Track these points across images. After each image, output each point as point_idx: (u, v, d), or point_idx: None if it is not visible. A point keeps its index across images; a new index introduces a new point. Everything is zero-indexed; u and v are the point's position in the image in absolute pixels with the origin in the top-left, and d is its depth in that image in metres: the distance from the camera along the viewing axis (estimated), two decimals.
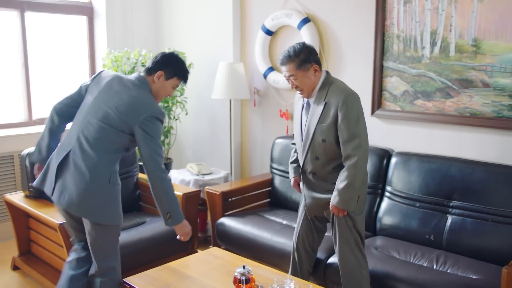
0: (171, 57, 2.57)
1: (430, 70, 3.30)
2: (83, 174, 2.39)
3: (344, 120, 2.51)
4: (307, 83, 2.60)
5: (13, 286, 3.37)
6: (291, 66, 2.57)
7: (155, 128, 2.43)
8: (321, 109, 2.58)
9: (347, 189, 2.52)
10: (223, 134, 4.55)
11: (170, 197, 2.50)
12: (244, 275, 2.51)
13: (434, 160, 3.18)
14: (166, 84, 2.56)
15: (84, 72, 4.82)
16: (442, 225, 3.05)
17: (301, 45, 2.59)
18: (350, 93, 2.56)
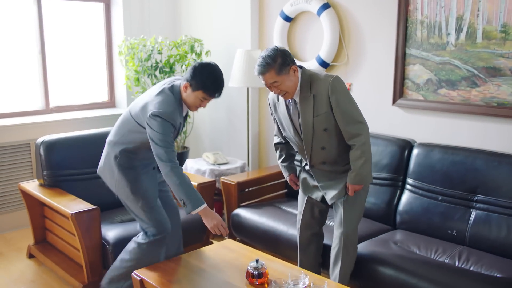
0: (200, 69, 2.53)
1: (455, 57, 3.15)
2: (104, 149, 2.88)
3: (338, 105, 2.56)
4: (290, 86, 2.56)
5: (27, 274, 3.37)
6: (271, 73, 2.51)
7: (158, 125, 2.50)
8: (311, 103, 2.59)
9: (365, 165, 2.60)
10: (240, 123, 4.46)
11: (179, 185, 2.53)
12: (257, 270, 2.44)
13: (458, 152, 3.04)
14: (193, 95, 2.56)
15: (101, 59, 4.78)
16: (465, 220, 2.92)
17: (274, 50, 2.53)
18: (333, 78, 2.57)
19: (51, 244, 3.56)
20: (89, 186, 3.48)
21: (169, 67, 4.26)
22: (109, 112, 4.69)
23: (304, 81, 2.60)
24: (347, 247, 2.72)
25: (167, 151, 2.52)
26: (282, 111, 2.74)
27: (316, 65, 3.79)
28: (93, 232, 2.98)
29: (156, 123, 2.49)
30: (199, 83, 2.52)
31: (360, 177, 2.63)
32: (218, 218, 2.59)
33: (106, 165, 2.82)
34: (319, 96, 2.57)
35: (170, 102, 2.55)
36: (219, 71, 2.59)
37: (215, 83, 2.56)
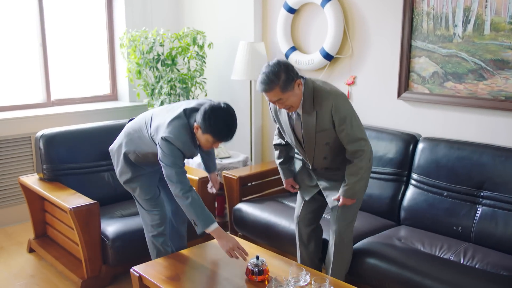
0: (210, 114, 2.40)
1: (462, 50, 3.07)
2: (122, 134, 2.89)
3: (341, 124, 2.50)
4: (295, 100, 2.48)
5: (27, 269, 3.34)
6: (276, 91, 2.41)
7: (168, 148, 2.46)
8: (314, 119, 2.53)
9: (359, 182, 2.57)
10: (243, 116, 4.40)
11: (189, 206, 2.50)
12: (257, 266, 2.40)
13: (464, 147, 2.97)
14: (203, 137, 2.48)
15: (103, 51, 4.74)
16: (471, 216, 2.86)
17: (277, 65, 2.41)
18: (337, 96, 2.50)
19: (52, 239, 3.53)
20: (89, 180, 3.45)
21: (171, 59, 4.20)
22: (111, 105, 4.65)
23: (307, 95, 2.50)
24: (339, 246, 2.69)
25: (178, 172, 2.48)
26: (284, 120, 2.67)
27: (320, 57, 3.72)
28: (92, 227, 2.94)
29: (166, 147, 2.45)
30: (208, 128, 2.41)
31: (352, 192, 2.60)
32: (233, 240, 2.49)
33: (116, 150, 2.85)
34: (322, 114, 2.50)
35: (183, 131, 2.48)
36: (231, 115, 2.44)
37: (225, 129, 2.44)
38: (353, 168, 2.56)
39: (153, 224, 2.82)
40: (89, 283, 3.01)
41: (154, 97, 4.27)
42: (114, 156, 2.88)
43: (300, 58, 3.89)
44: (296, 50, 3.95)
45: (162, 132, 2.48)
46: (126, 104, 4.68)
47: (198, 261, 2.61)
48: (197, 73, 4.27)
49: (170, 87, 4.14)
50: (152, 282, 2.42)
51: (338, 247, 2.70)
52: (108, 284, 3.10)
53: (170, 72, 4.19)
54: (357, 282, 2.78)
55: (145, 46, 4.16)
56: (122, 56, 4.53)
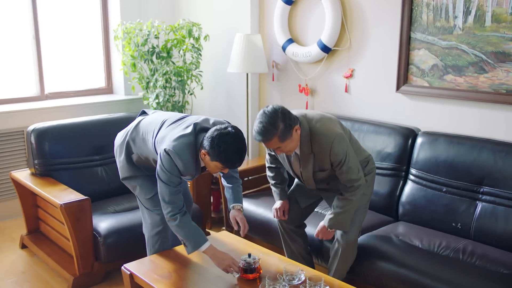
0: (218, 141, 2.27)
1: (462, 42, 3.00)
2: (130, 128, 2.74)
3: (337, 166, 2.50)
4: (293, 146, 2.45)
5: (19, 265, 3.29)
6: (274, 141, 2.36)
7: (167, 162, 2.34)
8: (312, 160, 2.53)
9: (344, 215, 2.56)
10: (240, 109, 4.34)
11: (177, 229, 2.42)
12: (249, 264, 2.34)
13: (464, 141, 2.90)
14: (212, 164, 2.35)
15: (98, 44, 4.66)
16: (470, 212, 2.79)
17: (274, 113, 2.33)
18: (334, 138, 2.45)
19: (44, 235, 3.48)
20: (82, 175, 3.39)
21: (166, 52, 4.12)
22: (106, 98, 4.57)
23: (304, 138, 2.48)
24: (345, 249, 2.64)
25: (171, 191, 2.37)
26: (282, 156, 2.67)
27: (318, 50, 3.65)
28: (83, 223, 2.89)
29: (166, 160, 2.33)
30: (217, 156, 2.28)
31: (334, 222, 2.58)
32: (228, 258, 2.40)
33: (120, 145, 2.71)
34: (320, 155, 2.49)
35: (187, 151, 2.35)
36: (239, 140, 2.30)
37: (235, 156, 2.30)
38: (342, 201, 2.56)
39: (153, 223, 2.70)
40: (81, 280, 2.96)
41: (149, 90, 4.21)
42: (117, 150, 2.74)
43: (297, 51, 3.82)
44: (293, 43, 3.88)
45: (166, 144, 2.36)
46: (121, 98, 4.61)
47: (191, 259, 2.55)
48: (193, 66, 4.19)
49: (165, 80, 4.07)
50: (143, 280, 2.37)
51: (344, 251, 2.63)
52: (101, 281, 3.05)
53: (165, 64, 4.12)
54: (353, 279, 2.73)
55: (140, 39, 4.08)
56: (117, 48, 4.46)
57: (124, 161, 2.67)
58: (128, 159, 2.67)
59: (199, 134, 2.39)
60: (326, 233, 2.66)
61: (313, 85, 3.89)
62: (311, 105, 3.93)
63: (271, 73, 4.15)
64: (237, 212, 2.67)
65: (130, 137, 2.66)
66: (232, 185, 2.71)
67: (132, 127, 2.69)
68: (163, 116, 2.61)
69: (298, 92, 3.97)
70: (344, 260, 2.65)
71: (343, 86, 3.67)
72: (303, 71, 3.93)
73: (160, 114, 2.68)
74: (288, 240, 2.90)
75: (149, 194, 2.68)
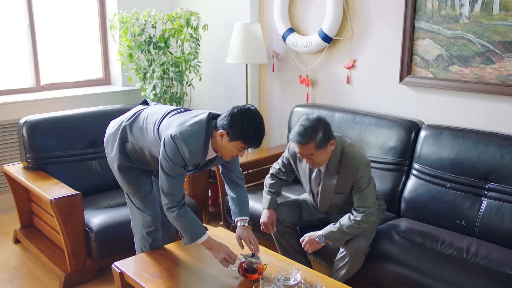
0: (239, 116, 2.14)
1: (468, 31, 2.87)
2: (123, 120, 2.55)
3: (358, 188, 2.52)
4: (324, 159, 2.50)
5: (11, 261, 3.22)
6: (310, 146, 2.40)
7: (171, 150, 2.18)
8: (335, 181, 2.56)
9: (343, 234, 2.52)
10: (240, 101, 4.22)
11: (175, 221, 2.31)
12: (251, 264, 2.25)
13: (469, 135, 2.78)
14: (230, 145, 2.20)
15: (95, 34, 4.55)
16: (475, 209, 2.68)
17: (317, 120, 2.42)
18: (362, 162, 2.51)
19: (38, 229, 3.40)
20: (75, 169, 3.31)
21: (163, 42, 4.02)
22: (104, 89, 4.48)
23: (334, 156, 2.52)
24: (354, 258, 2.53)
25: (172, 182, 2.22)
26: (303, 170, 2.69)
27: (318, 39, 3.53)
28: (75, 219, 2.81)
29: (170, 147, 2.17)
30: (238, 133, 2.14)
31: (333, 236, 2.52)
32: (226, 249, 2.32)
33: (113, 132, 2.50)
34: (345, 177, 2.52)
35: (197, 138, 2.19)
36: (260, 117, 2.20)
37: (257, 132, 2.17)
38: (352, 222, 2.50)
39: (144, 224, 2.57)
40: (73, 277, 2.88)
41: (146, 81, 4.11)
42: (109, 139, 2.52)
43: (297, 40, 3.70)
44: (293, 32, 3.76)
45: (173, 129, 2.19)
46: (119, 89, 4.51)
47: (183, 257, 2.47)
48: (191, 56, 4.09)
49: (162, 71, 3.97)
50: (133, 279, 2.29)
51: (352, 258, 2.52)
52: (94, 278, 2.97)
53: (163, 55, 4.01)
54: (352, 278, 2.63)
55: (137, 28, 3.98)
56: (113, 38, 4.35)
57: (116, 149, 2.46)
58: (121, 148, 2.46)
59: (211, 121, 2.25)
60: (314, 243, 2.57)
61: (314, 76, 3.77)
62: (312, 97, 3.82)
63: (271, 64, 4.04)
64: (242, 230, 2.43)
65: (127, 124, 2.45)
66: (236, 195, 2.53)
67: (130, 115, 2.49)
68: (166, 108, 2.46)
69: (299, 83, 3.86)
70: (350, 269, 2.54)
71: (344, 77, 3.55)
72: (304, 62, 3.81)
73: (163, 106, 2.54)
74: (279, 237, 2.82)
75: (139, 193, 2.53)
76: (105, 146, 2.56)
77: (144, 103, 2.64)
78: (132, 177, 2.53)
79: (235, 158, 2.46)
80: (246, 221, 2.47)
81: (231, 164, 2.51)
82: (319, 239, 2.55)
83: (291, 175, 2.90)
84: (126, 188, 2.55)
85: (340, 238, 2.52)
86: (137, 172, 2.54)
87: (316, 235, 2.56)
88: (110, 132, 2.53)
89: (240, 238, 2.43)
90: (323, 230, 2.56)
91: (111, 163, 2.55)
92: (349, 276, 2.57)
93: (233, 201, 2.52)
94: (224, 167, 2.52)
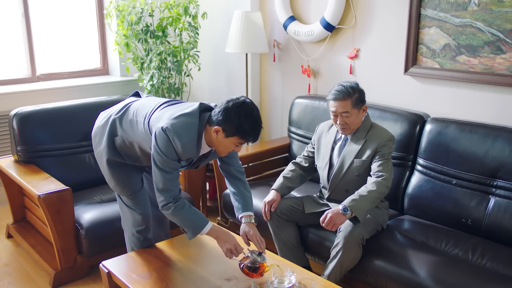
0: (235, 111, 2.03)
1: (477, 19, 2.71)
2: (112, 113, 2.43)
3: (382, 157, 2.54)
4: (355, 122, 2.58)
5: (2, 257, 3.14)
6: (347, 103, 2.52)
7: (161, 142, 2.06)
8: (359, 146, 2.59)
9: (365, 201, 2.43)
10: (240, 92, 4.10)
11: (173, 218, 2.18)
12: (255, 262, 2.13)
13: (477, 129, 2.64)
14: (227, 141, 2.09)
15: (92, 23, 4.43)
16: (482, 207, 2.55)
17: (356, 84, 2.58)
18: (390, 136, 2.59)
19: (31, 224, 3.32)
20: (68, 162, 3.21)
21: (161, 31, 3.89)
22: (102, 79, 4.38)
23: (364, 125, 2.62)
24: (347, 246, 2.40)
25: (166, 177, 2.09)
26: (326, 142, 2.73)
27: (320, 28, 3.38)
28: (64, 215, 2.71)
29: (161, 140, 2.05)
30: (234, 128, 2.03)
31: (355, 204, 2.41)
32: (232, 240, 2.20)
33: (102, 124, 2.37)
34: (370, 143, 2.57)
35: (190, 130, 2.07)
36: (257, 110, 2.09)
37: (254, 126, 2.06)
38: (368, 186, 2.47)
39: (134, 222, 2.46)
40: (63, 275, 2.80)
41: (144, 71, 3.99)
42: (97, 133, 2.40)
43: (299, 29, 3.55)
44: (295, 20, 3.61)
45: (164, 122, 2.07)
46: (117, 79, 4.40)
47: (175, 256, 2.37)
48: (190, 46, 3.96)
49: (160, 61, 3.85)
50: (120, 280, 2.19)
51: (345, 247, 2.40)
52: (86, 276, 2.88)
53: (160, 44, 3.88)
54: (351, 278, 2.52)
55: (134, 17, 3.85)
56: (109, 27, 4.24)
57: (105, 143, 2.33)
58: (110, 142, 2.33)
59: (203, 114, 2.13)
60: (339, 216, 2.38)
61: (315, 66, 3.63)
62: (314, 88, 3.68)
63: (272, 53, 3.90)
64: (248, 227, 2.31)
65: (117, 117, 2.32)
66: (238, 190, 2.41)
67: (120, 107, 2.37)
68: (158, 100, 2.33)
69: (301, 73, 3.73)
70: (342, 259, 2.42)
71: (347, 67, 3.41)
72: (305, 51, 3.67)
73: (154, 98, 2.41)
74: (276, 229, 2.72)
75: (128, 190, 2.41)
76: (93, 139, 2.44)
77: (135, 95, 2.52)
78: (122, 173, 2.41)
79: (233, 152, 2.34)
80: (252, 218, 2.34)
81: (229, 158, 2.39)
82: (343, 211, 2.39)
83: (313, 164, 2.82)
84: (112, 185, 2.43)
85: (363, 206, 2.40)
86: (127, 168, 2.42)
87: (340, 208, 2.41)
88: (99, 125, 2.41)
89: (246, 235, 2.30)
90: (344, 202, 2.42)
91: (98, 158, 2.43)
92: (342, 270, 2.44)
93: (234, 196, 2.41)
94: (222, 161, 2.41)
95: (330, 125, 2.75)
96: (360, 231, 2.42)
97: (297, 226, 2.74)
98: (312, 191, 3.03)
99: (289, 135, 3.58)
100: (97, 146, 2.40)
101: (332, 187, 2.67)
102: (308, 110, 3.42)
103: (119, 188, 2.41)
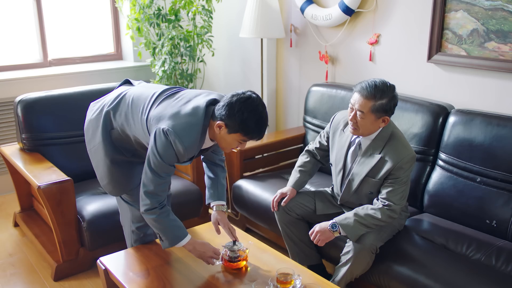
0: (239, 107, 1.89)
1: (510, 1, 2.48)
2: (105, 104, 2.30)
3: (394, 181, 2.27)
4: (368, 128, 2.27)
5: (8, 247, 3.08)
6: (368, 104, 2.20)
7: (160, 144, 1.93)
8: (374, 162, 2.30)
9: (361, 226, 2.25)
10: (256, 78, 3.94)
11: (155, 227, 2.08)
12: (233, 252, 2.08)
13: (505, 123, 2.42)
14: (229, 137, 1.96)
15: (106, 7, 4.32)
16: (509, 208, 2.34)
17: (391, 88, 2.24)
18: (410, 155, 2.27)
19: (38, 213, 3.25)
20: (73, 151, 3.12)
21: (173, 14, 3.75)
22: (115, 65, 4.27)
23: (382, 135, 2.31)
24: (358, 255, 2.25)
25: (157, 182, 1.98)
26: (341, 145, 2.46)
27: (339, 12, 3.18)
28: (65, 206, 2.61)
29: (161, 143, 1.92)
30: (238, 124, 1.90)
31: (347, 223, 2.24)
32: (209, 249, 2.10)
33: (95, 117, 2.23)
34: (385, 162, 2.27)
35: (193, 132, 1.94)
36: (263, 106, 1.94)
37: (259, 123, 1.92)
38: (369, 210, 2.26)
39: (133, 218, 2.34)
40: (65, 267, 2.72)
41: (156, 57, 3.86)
42: (89, 127, 2.25)
43: (316, 13, 3.36)
44: (312, 4, 3.41)
45: (165, 122, 1.94)
46: (130, 64, 4.29)
47: (174, 252, 2.25)
48: (203, 30, 3.81)
49: (172, 46, 3.71)
50: (116, 279, 2.08)
51: (356, 255, 2.24)
52: (88, 269, 2.79)
53: (172, 29, 3.74)
54: (363, 279, 2.36)
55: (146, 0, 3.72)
56: (120, 10, 4.11)
57: (100, 137, 2.18)
58: (106, 136, 2.18)
59: (209, 108, 1.98)
60: (326, 233, 2.28)
61: (334, 52, 3.44)
62: (332, 75, 3.49)
63: (289, 38, 3.72)
64: (219, 215, 2.26)
65: (110, 109, 2.17)
66: (216, 176, 2.31)
67: (113, 98, 2.21)
68: (154, 89, 2.17)
69: (318, 59, 3.54)
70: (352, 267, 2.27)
71: (367, 53, 3.21)
72: (323, 37, 3.48)
73: (149, 86, 2.26)
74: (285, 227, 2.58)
75: (127, 186, 2.28)
76: (85, 133, 2.30)
77: (126, 82, 2.38)
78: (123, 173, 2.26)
79: None
80: (224, 207, 2.29)
81: (216, 147, 2.24)
82: (331, 227, 2.27)
83: (326, 158, 2.65)
84: (104, 183, 2.28)
85: (355, 228, 2.23)
86: (131, 166, 2.28)
87: (329, 224, 2.28)
88: (91, 118, 2.26)
89: (217, 223, 2.26)
90: (337, 218, 2.29)
91: (92, 153, 2.28)
92: (352, 277, 2.30)
93: (211, 181, 2.32)
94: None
95: (345, 123, 2.45)
96: (373, 240, 2.25)
97: (307, 223, 2.59)
98: (325, 183, 2.87)
99: (304, 125, 3.41)
100: (91, 141, 2.26)
101: (344, 199, 2.48)
102: (325, 99, 3.24)
103: (110, 187, 2.28)
